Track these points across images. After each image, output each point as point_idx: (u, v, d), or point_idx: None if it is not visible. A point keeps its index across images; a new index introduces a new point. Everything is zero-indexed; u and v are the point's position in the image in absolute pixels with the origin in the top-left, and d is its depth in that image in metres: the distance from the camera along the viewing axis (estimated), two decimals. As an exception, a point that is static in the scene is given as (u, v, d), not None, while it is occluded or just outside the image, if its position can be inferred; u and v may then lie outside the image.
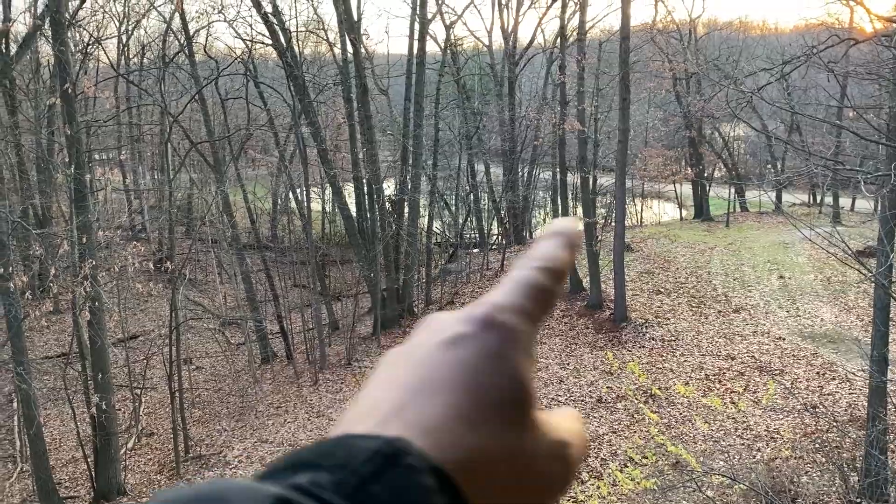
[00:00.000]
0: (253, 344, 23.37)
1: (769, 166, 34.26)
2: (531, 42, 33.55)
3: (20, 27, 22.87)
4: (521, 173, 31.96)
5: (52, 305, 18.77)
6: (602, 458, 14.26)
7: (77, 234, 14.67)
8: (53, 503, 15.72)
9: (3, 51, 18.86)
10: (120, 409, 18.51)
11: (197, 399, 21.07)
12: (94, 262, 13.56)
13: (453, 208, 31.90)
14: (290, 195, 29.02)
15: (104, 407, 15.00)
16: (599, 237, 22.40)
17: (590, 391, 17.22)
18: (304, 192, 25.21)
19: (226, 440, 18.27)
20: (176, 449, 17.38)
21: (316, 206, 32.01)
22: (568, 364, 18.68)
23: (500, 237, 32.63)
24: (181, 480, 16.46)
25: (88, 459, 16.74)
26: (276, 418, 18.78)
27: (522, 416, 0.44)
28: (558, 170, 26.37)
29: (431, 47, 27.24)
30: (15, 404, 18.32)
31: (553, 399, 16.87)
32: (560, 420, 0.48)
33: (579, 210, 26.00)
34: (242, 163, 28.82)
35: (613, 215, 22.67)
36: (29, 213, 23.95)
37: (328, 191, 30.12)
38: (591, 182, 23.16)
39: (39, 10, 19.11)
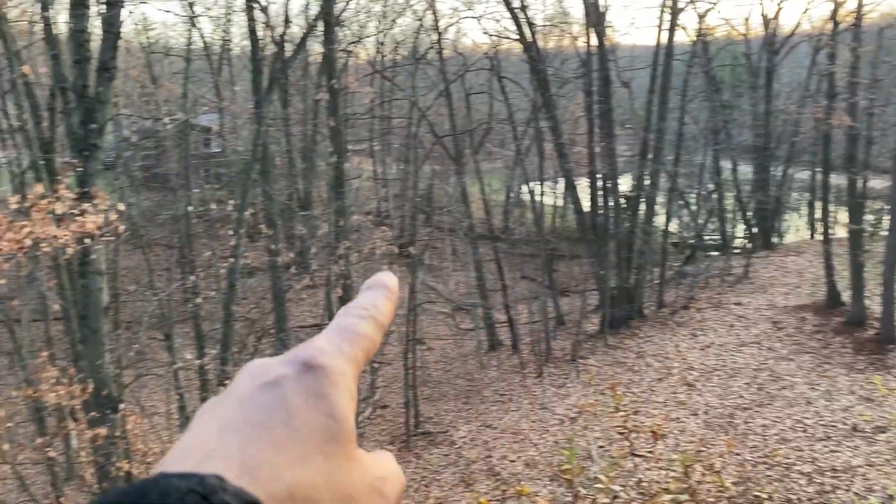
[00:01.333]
0: (481, 331, 24.05)
1: None
2: (794, 29, 30.68)
3: (295, 29, 25.53)
4: (773, 172, 29.45)
5: (310, 280, 20.74)
6: (855, 493, 12.71)
7: (334, 217, 16.06)
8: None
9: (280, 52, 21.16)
10: (360, 381, 20.00)
11: (427, 378, 22.16)
12: (348, 244, 14.73)
13: (693, 207, 30.22)
14: (524, 188, 29.35)
15: (348, 377, 16.27)
16: (866, 247, 19.95)
17: (843, 417, 15.42)
18: (539, 186, 25.33)
19: (452, 420, 18.99)
20: (406, 423, 18.42)
21: (548, 200, 32.07)
22: (818, 385, 16.89)
23: (745, 240, 30.37)
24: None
25: (331, 423, 18.30)
26: (501, 405, 19.16)
27: (342, 451, 0.46)
28: (820, 169, 23.87)
29: (680, 37, 25.98)
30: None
31: (798, 422, 15.36)
32: (378, 458, 0.51)
33: (842, 215, 23.34)
34: (481, 156, 29.65)
35: (886, 223, 20.02)
36: (293, 197, 26.70)
37: (561, 185, 30.03)
38: (859, 184, 20.68)
39: (313, 14, 21.16)
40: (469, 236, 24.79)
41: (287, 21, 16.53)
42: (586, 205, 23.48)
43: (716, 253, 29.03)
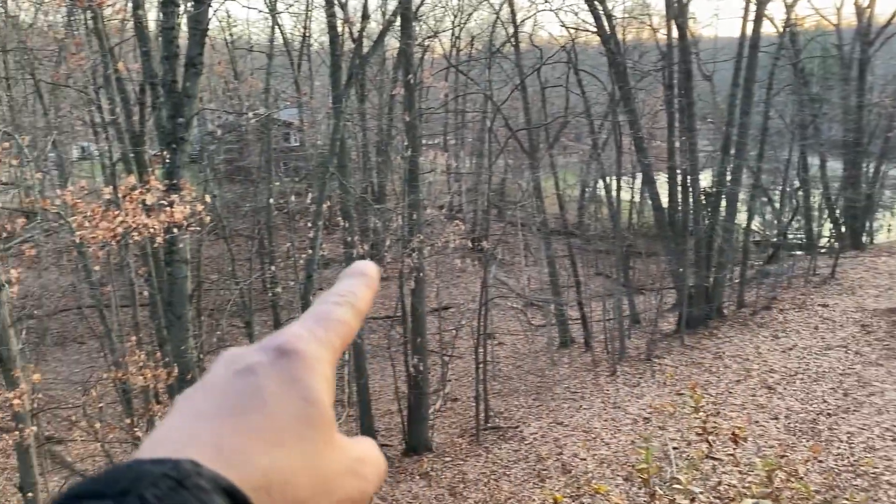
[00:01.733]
0: (552, 327, 23.85)
1: None
2: (891, 19, 29.11)
3: (372, 24, 25.85)
4: (865, 169, 28.07)
5: (383, 273, 21.01)
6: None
7: (408, 211, 16.22)
8: (373, 447, 17.71)
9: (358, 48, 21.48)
10: (430, 373, 20.16)
11: (498, 373, 22.13)
12: (421, 237, 14.85)
13: (777, 205, 29.12)
14: (600, 183, 28.92)
15: (420, 368, 16.43)
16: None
17: (940, 427, 14.61)
18: (615, 181, 24.91)
19: (522, 416, 18.92)
20: (477, 417, 18.45)
21: (625, 195, 31.49)
22: (911, 392, 16.04)
23: (832, 240, 29.07)
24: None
25: (402, 414, 18.53)
26: (572, 402, 18.97)
27: (319, 436, 0.46)
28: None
29: (766, 28, 25.03)
30: (346, 356, 20.89)
31: (887, 430, 14.63)
32: (359, 443, 0.51)
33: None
34: (556, 150, 29.37)
35: None
36: (368, 190, 27.07)
37: (638, 180, 29.44)
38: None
39: (390, 9, 21.39)
40: (542, 231, 24.60)
41: (365, 16, 16.74)
42: (665, 201, 22.95)
43: (800, 252, 27.91)
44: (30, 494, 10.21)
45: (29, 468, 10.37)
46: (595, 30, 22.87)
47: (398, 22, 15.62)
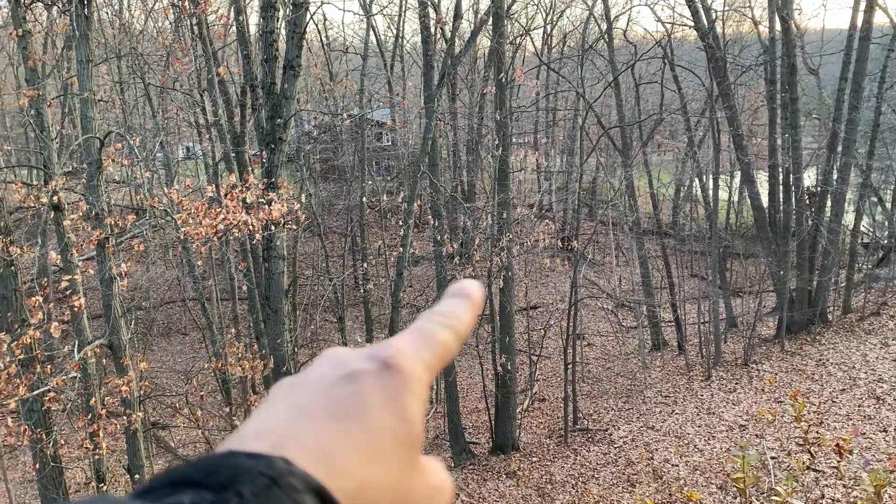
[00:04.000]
0: (644, 329, 23.31)
1: None
2: None
3: (464, 24, 25.96)
4: None
5: (472, 271, 21.09)
6: None
7: (498, 209, 16.21)
8: (460, 444, 17.83)
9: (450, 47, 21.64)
10: (518, 372, 20.10)
11: (587, 374, 21.83)
12: (510, 236, 14.82)
13: (889, 205, 27.44)
14: (696, 182, 28.04)
15: (508, 367, 16.41)
16: None
17: None
18: (712, 179, 24.10)
19: (612, 419, 18.60)
20: (565, 418, 18.25)
21: (722, 194, 30.41)
22: None
23: (950, 243, 27.14)
24: (568, 448, 17.27)
25: (490, 412, 18.55)
26: (664, 407, 18.49)
27: (408, 456, 0.46)
28: None
29: (879, 19, 23.60)
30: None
31: None
32: (434, 466, 0.50)
33: None
34: (649, 148, 28.68)
35: None
36: (457, 189, 27.22)
37: (737, 178, 28.37)
38: None
39: (482, 8, 21.43)
40: (635, 231, 24.08)
41: (458, 16, 16.84)
42: (765, 200, 22.01)
43: (915, 255, 26.18)
44: (137, 476, 10.83)
45: (136, 451, 10.99)
46: (692, 24, 22.18)
47: (490, 20, 15.63)
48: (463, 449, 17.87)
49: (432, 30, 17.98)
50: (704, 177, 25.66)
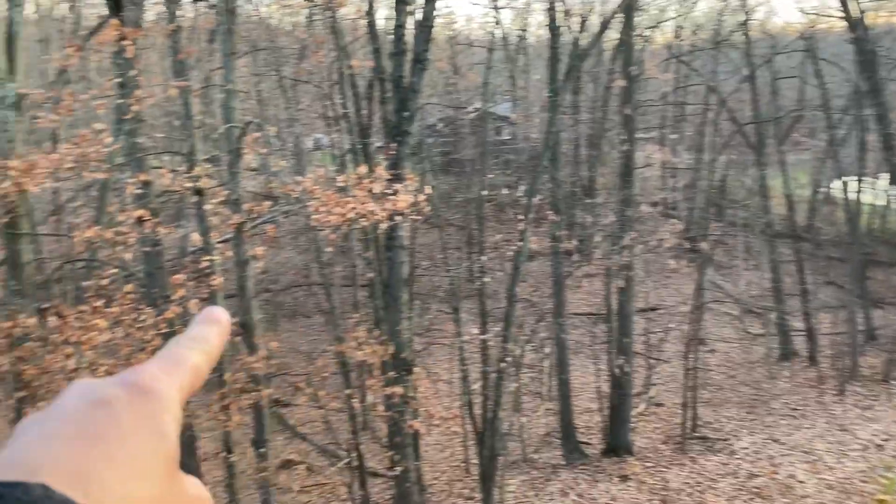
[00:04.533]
0: (772, 337, 22.11)
1: None
2: None
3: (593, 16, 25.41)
4: None
5: (590, 269, 20.74)
6: None
7: (620, 207, 15.83)
8: (571, 443, 17.62)
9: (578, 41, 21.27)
10: (635, 375, 19.57)
11: (708, 381, 20.97)
12: (633, 235, 14.44)
13: None
14: (836, 183, 26.25)
15: (625, 369, 16.04)
16: None
17: None
18: (856, 181, 22.49)
19: (734, 429, 17.81)
20: (683, 424, 17.65)
21: (866, 197, 28.31)
22: None
23: None
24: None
25: (603, 413, 18.19)
26: (792, 420, 17.52)
27: (168, 471, 0.48)
28: None
29: None
30: (547, 350, 20.79)
31: None
32: (191, 481, 0.52)
33: None
34: (786, 146, 27.10)
35: None
36: (577, 185, 26.78)
37: (883, 181, 26.33)
38: None
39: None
40: (766, 234, 22.86)
41: (586, 8, 16.55)
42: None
43: None
44: (262, 450, 11.39)
45: (262, 426, 11.57)
46: (841, 14, 20.74)
47: (620, 13, 15.24)
48: (574, 448, 17.65)
49: (560, 22, 17.75)
50: (846, 178, 23.98)
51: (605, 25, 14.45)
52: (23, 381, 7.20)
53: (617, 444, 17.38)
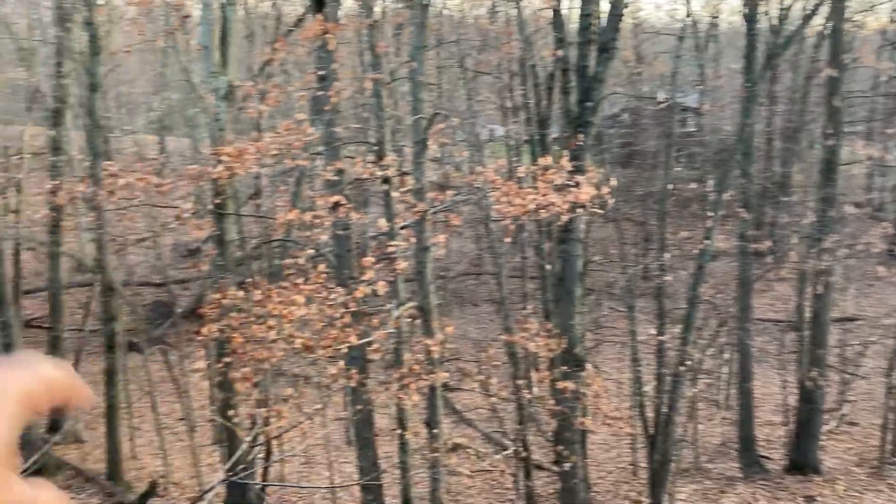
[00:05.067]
0: None
1: None
2: None
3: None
4: None
5: (782, 272, 19.31)
6: None
7: (820, 206, 14.56)
8: (750, 455, 16.57)
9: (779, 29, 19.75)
10: (827, 389, 17.99)
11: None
12: (836, 238, 13.26)
13: None
14: None
15: (817, 382, 14.82)
16: None
17: None
18: None
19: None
20: (882, 447, 16.06)
21: None
22: None
23: None
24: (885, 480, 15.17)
25: (788, 427, 16.91)
26: None
27: None
28: None
29: None
30: (728, 356, 19.61)
31: None
32: (35, 487, 0.52)
33: None
34: None
35: None
36: (769, 181, 25.00)
37: None
38: None
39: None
40: None
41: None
42: None
43: None
44: (435, 431, 11.74)
45: (435, 407, 11.91)
46: None
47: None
48: (753, 461, 16.60)
49: (758, 7, 16.56)
50: None
51: (813, 11, 13.30)
52: (229, 348, 7.91)
53: (803, 462, 16.12)
